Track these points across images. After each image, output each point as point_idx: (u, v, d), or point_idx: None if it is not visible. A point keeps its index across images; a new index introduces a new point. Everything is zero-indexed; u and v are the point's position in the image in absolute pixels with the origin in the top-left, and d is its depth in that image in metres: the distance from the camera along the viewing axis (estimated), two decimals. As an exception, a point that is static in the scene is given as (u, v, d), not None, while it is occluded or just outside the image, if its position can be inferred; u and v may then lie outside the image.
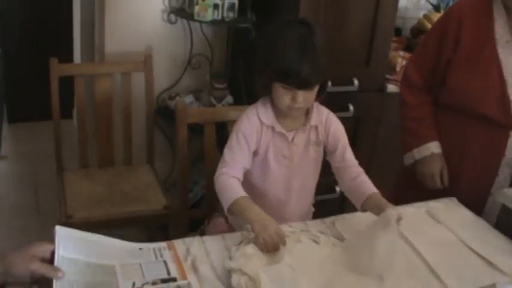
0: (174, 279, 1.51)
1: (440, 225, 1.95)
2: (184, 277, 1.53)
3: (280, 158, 1.92)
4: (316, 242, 1.73)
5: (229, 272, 1.56)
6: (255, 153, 1.92)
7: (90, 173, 2.83)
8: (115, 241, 1.58)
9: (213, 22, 2.90)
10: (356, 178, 1.88)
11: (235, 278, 1.53)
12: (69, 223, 2.46)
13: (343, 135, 1.95)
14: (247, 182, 1.93)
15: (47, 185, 3.56)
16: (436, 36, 2.26)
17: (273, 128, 1.89)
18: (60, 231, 1.43)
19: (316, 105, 1.92)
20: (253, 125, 1.88)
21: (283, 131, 1.89)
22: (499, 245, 1.86)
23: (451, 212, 2.03)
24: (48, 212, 3.39)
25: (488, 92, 2.11)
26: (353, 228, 1.84)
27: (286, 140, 1.90)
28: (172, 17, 3.07)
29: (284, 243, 1.62)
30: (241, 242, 1.70)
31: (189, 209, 2.47)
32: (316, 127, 1.92)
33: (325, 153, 1.99)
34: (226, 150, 1.89)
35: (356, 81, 2.91)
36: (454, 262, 1.76)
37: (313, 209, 2.12)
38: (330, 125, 1.94)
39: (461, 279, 1.66)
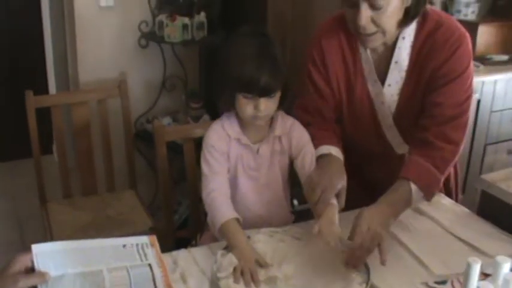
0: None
1: (422, 217, 1.98)
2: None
3: (248, 170, 1.94)
4: (299, 239, 1.76)
5: (217, 278, 1.58)
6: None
7: (74, 202, 2.83)
8: (96, 241, 1.58)
9: (184, 42, 2.95)
10: None
11: (223, 281, 1.56)
12: (56, 252, 2.46)
13: (307, 142, 1.95)
14: None
15: (31, 219, 3.55)
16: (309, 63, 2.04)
17: (239, 140, 1.91)
18: (36, 249, 1.42)
19: (281, 115, 1.95)
20: (221, 138, 1.90)
21: (249, 143, 1.91)
22: (482, 230, 1.89)
23: (433, 202, 2.05)
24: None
25: (367, 134, 2.06)
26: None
27: (252, 152, 1.92)
28: (144, 41, 3.10)
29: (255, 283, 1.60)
30: (227, 246, 1.72)
31: (175, 230, 2.48)
32: (279, 137, 1.94)
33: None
34: (203, 166, 1.90)
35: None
36: (439, 250, 1.79)
37: (292, 217, 2.12)
38: (293, 134, 1.96)
39: (447, 264, 1.69)
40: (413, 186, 1.78)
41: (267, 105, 1.81)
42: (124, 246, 1.59)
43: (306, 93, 2.04)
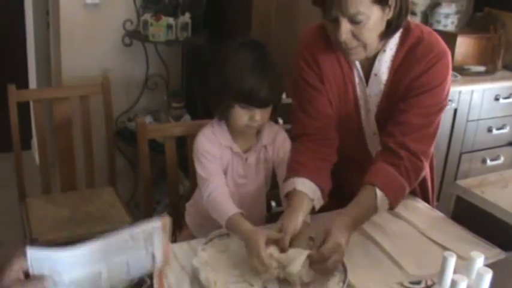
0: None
1: (399, 220, 2.02)
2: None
3: (237, 177, 1.97)
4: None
5: (197, 270, 1.61)
6: None
7: (53, 198, 2.83)
8: (100, 242, 1.42)
9: (168, 42, 2.97)
10: None
11: (202, 275, 1.58)
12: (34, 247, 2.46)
13: (289, 151, 1.98)
14: (197, 204, 2.00)
15: (9, 215, 3.53)
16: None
17: (231, 148, 1.94)
18: (33, 255, 1.28)
19: (268, 123, 1.97)
20: (213, 144, 1.92)
21: (240, 151, 1.95)
22: (456, 234, 1.93)
23: (409, 206, 2.10)
24: (10, 241, 3.34)
25: (350, 140, 2.06)
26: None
27: (241, 160, 1.96)
28: (128, 39, 3.12)
29: (267, 268, 1.59)
30: (207, 243, 1.75)
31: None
32: (265, 146, 1.98)
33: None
34: (199, 171, 1.91)
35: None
36: (414, 251, 1.83)
37: (266, 213, 2.16)
38: (278, 142, 1.99)
39: (421, 265, 1.73)
40: (379, 193, 1.78)
41: (262, 115, 1.84)
42: (131, 237, 1.46)
43: (299, 112, 2.00)
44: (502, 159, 3.76)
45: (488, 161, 3.70)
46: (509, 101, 3.63)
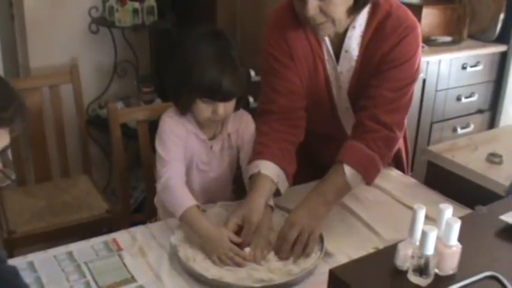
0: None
1: (373, 188, 2.04)
2: None
3: (200, 164, 1.95)
4: None
5: (175, 247, 1.63)
6: None
7: (28, 190, 2.82)
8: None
9: (134, 27, 2.96)
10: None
11: (181, 251, 1.60)
12: (12, 239, 2.46)
13: (252, 136, 1.96)
14: None
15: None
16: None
17: (196, 135, 1.91)
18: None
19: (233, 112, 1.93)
20: (179, 126, 1.89)
21: (206, 138, 1.92)
22: (429, 198, 1.97)
23: (383, 175, 2.13)
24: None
25: (322, 117, 2.09)
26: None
27: (206, 147, 1.94)
28: (94, 26, 3.10)
29: (244, 257, 1.62)
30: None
31: (130, 214, 2.50)
32: (229, 134, 1.96)
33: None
34: (160, 150, 1.87)
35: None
36: (388, 217, 1.87)
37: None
38: (242, 128, 1.97)
39: (396, 230, 1.76)
40: (347, 169, 1.79)
41: (225, 108, 1.82)
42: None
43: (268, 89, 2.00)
44: (472, 127, 3.82)
45: (458, 129, 3.77)
46: (476, 69, 3.68)
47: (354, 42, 1.91)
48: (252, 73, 2.58)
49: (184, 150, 1.90)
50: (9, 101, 1.23)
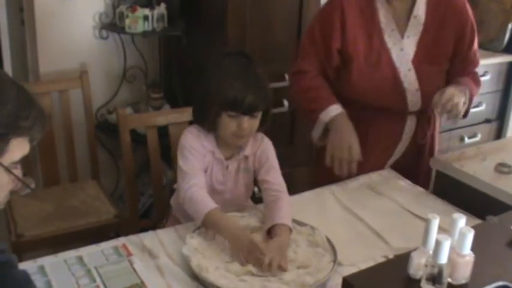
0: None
1: (381, 196, 2.06)
2: None
3: (216, 183, 1.98)
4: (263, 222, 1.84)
5: (188, 257, 1.63)
6: None
7: (36, 194, 2.82)
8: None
9: (144, 33, 2.97)
10: (274, 202, 1.88)
11: (194, 262, 1.61)
12: (20, 242, 2.47)
13: (272, 157, 1.99)
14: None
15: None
16: (322, 26, 2.22)
17: (213, 153, 1.94)
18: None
19: (254, 134, 1.97)
20: (199, 142, 1.92)
21: (222, 157, 1.95)
22: (437, 207, 1.98)
23: (390, 183, 2.14)
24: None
25: (383, 83, 2.17)
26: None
27: (222, 167, 1.96)
28: (104, 32, 3.12)
29: (262, 253, 1.63)
30: (195, 230, 1.78)
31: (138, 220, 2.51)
32: (247, 157, 1.98)
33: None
34: (182, 164, 1.90)
35: (288, 76, 2.98)
36: (397, 226, 1.87)
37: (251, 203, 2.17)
38: (260, 151, 1.99)
39: (405, 238, 1.76)
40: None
41: (250, 124, 1.85)
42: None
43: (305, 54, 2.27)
44: (479, 136, 3.81)
45: (466, 139, 3.76)
46: (484, 79, 3.66)
47: (421, 8, 2.16)
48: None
49: (204, 163, 1.93)
50: (29, 109, 1.22)
